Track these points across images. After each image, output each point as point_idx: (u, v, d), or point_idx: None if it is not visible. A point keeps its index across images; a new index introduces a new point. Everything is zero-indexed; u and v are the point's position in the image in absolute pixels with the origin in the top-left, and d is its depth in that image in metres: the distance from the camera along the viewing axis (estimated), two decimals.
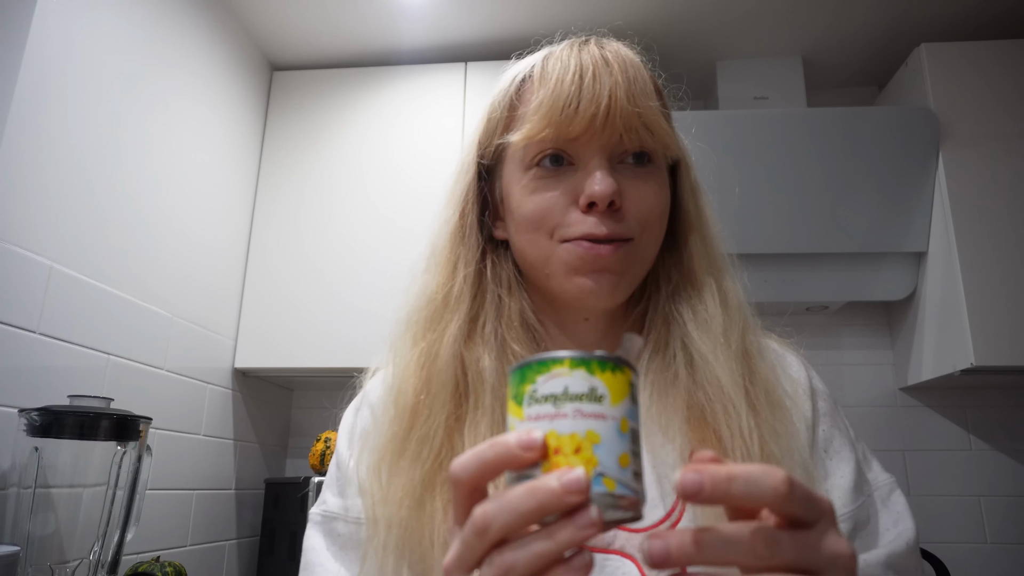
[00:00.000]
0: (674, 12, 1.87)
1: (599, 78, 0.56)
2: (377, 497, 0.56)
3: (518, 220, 0.60)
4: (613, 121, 0.56)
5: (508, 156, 0.62)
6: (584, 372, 0.33)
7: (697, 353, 0.58)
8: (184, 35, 1.64)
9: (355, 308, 1.78)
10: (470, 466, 0.33)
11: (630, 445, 0.33)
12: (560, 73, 0.57)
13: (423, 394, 0.58)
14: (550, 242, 0.58)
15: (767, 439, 0.54)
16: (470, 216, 0.64)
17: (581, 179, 0.57)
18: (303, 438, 2.14)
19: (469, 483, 0.34)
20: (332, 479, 0.65)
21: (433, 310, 0.62)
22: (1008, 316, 1.64)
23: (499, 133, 0.63)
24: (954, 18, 1.90)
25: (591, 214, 0.56)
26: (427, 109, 1.95)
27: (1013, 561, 1.82)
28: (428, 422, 0.57)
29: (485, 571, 0.32)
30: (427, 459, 0.55)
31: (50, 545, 1.04)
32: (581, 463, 0.32)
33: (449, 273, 0.62)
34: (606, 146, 0.57)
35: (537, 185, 0.59)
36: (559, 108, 0.56)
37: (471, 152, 0.66)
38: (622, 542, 0.53)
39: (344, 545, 0.61)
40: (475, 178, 0.65)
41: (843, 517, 0.58)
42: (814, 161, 1.78)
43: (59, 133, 1.24)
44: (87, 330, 1.29)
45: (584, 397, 0.33)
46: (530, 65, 0.62)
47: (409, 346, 0.61)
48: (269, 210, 1.93)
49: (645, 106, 0.56)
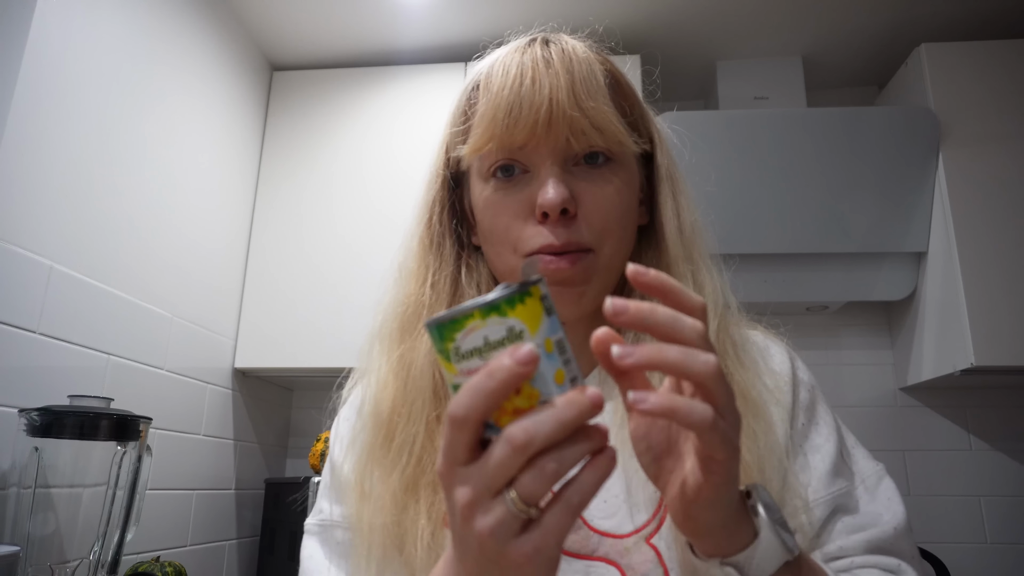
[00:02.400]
0: (674, 12, 1.87)
1: (538, 82, 0.54)
2: (361, 502, 0.56)
3: (483, 233, 0.61)
4: (556, 126, 0.54)
5: (469, 166, 0.62)
6: (496, 317, 0.34)
7: None
8: (184, 35, 1.64)
9: (355, 308, 1.78)
10: (473, 402, 0.34)
11: (559, 359, 0.35)
12: (501, 80, 0.56)
13: (400, 401, 0.58)
14: (514, 256, 0.58)
15: (741, 442, 0.54)
16: (437, 226, 0.64)
17: (535, 188, 0.56)
18: (303, 438, 2.14)
19: (476, 419, 0.34)
20: (326, 487, 0.65)
21: (404, 321, 0.62)
22: (1008, 316, 1.64)
23: (456, 145, 0.62)
24: (954, 18, 1.90)
25: (546, 224, 0.56)
26: (427, 109, 1.95)
27: (1013, 561, 1.82)
28: (407, 428, 0.57)
29: (528, 479, 0.34)
30: (408, 464, 0.55)
31: (50, 545, 1.04)
32: (526, 401, 0.34)
33: (419, 284, 0.62)
34: (555, 151, 0.56)
35: (495, 198, 0.58)
36: (500, 119, 0.55)
37: (438, 163, 0.65)
38: (606, 549, 0.53)
39: (343, 553, 0.60)
40: (442, 188, 0.64)
41: (819, 502, 0.57)
42: (814, 161, 1.78)
43: (59, 133, 1.24)
44: (87, 330, 1.29)
45: (505, 341, 0.34)
46: (479, 72, 0.61)
47: (384, 356, 0.61)
48: (269, 210, 1.93)
49: (590, 107, 0.55)
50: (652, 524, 0.54)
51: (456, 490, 0.35)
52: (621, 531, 0.54)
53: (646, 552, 0.53)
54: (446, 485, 0.36)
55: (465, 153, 0.58)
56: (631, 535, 0.54)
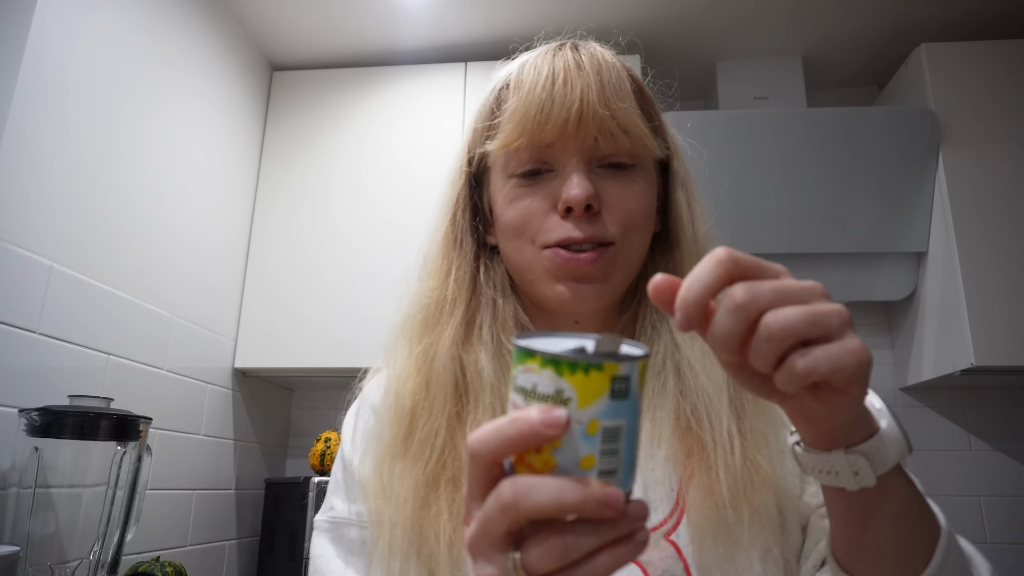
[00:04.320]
0: (674, 12, 1.87)
1: (570, 82, 0.56)
2: (382, 499, 0.56)
3: (502, 227, 0.61)
4: (586, 125, 0.56)
5: (492, 164, 0.63)
6: (552, 373, 0.32)
7: (684, 361, 0.58)
8: (184, 35, 1.64)
9: (355, 308, 1.78)
10: (490, 441, 0.33)
11: (599, 446, 0.32)
12: (532, 80, 0.57)
13: (423, 396, 0.58)
14: (532, 248, 0.58)
15: (752, 446, 0.54)
16: (461, 223, 0.65)
17: (559, 185, 0.57)
18: (303, 438, 2.14)
19: (488, 457, 0.33)
20: (338, 485, 0.64)
21: (428, 315, 0.62)
22: (1008, 316, 1.64)
23: (481, 142, 0.63)
24: (954, 18, 1.90)
25: (569, 219, 0.57)
26: (427, 109, 1.95)
27: (1013, 561, 1.82)
28: (429, 422, 0.57)
29: (536, 552, 0.32)
30: (430, 459, 0.55)
31: (50, 545, 1.04)
32: (542, 465, 0.33)
33: (442, 278, 0.63)
34: (582, 150, 0.57)
35: (518, 193, 0.59)
36: (531, 115, 0.56)
37: (461, 160, 0.66)
38: None
39: (355, 551, 0.60)
40: (465, 186, 0.65)
41: None
42: (814, 161, 1.78)
43: (59, 133, 1.24)
44: (87, 330, 1.29)
45: (549, 399, 0.32)
46: (508, 73, 0.63)
47: (406, 350, 0.62)
48: (269, 210, 1.93)
49: (619, 108, 0.56)
50: (671, 521, 0.54)
51: (470, 521, 0.35)
52: None
53: (665, 548, 0.53)
54: (466, 510, 0.36)
55: (494, 148, 0.59)
56: (650, 532, 0.54)
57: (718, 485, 0.52)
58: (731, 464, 0.53)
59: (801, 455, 0.42)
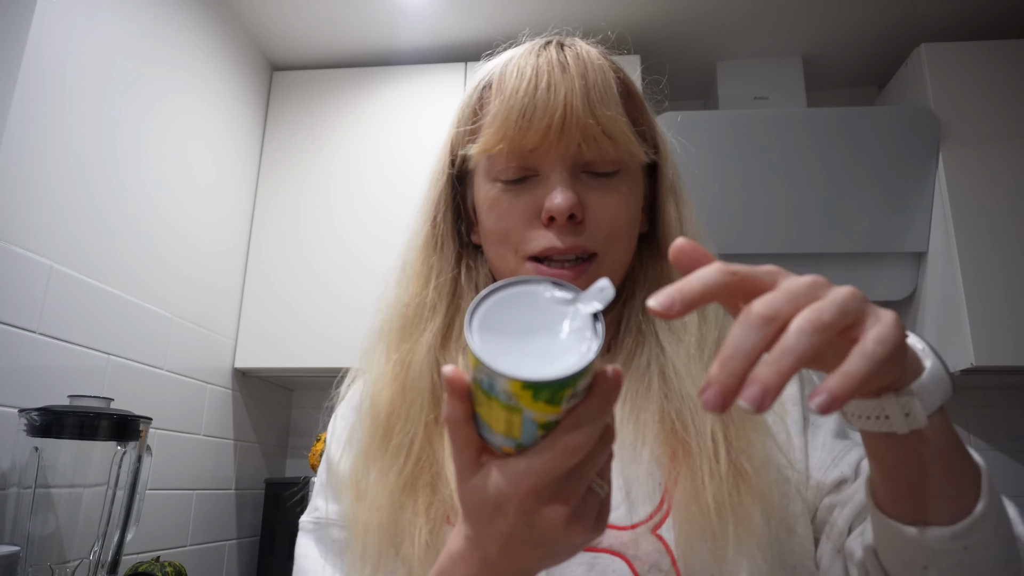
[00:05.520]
0: (674, 12, 1.87)
1: (553, 86, 0.54)
2: (357, 501, 0.56)
3: (485, 232, 0.60)
4: (569, 131, 0.54)
5: (475, 167, 0.61)
6: (484, 368, 0.34)
7: (669, 365, 0.57)
8: (184, 35, 1.64)
9: (354, 308, 1.78)
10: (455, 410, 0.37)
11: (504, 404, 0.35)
12: (515, 83, 0.55)
13: (399, 402, 0.58)
14: (515, 258, 0.58)
15: (738, 451, 0.53)
16: (442, 226, 0.63)
17: (543, 192, 0.56)
18: (303, 438, 2.14)
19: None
20: (322, 485, 0.64)
21: (407, 322, 0.61)
22: (1008, 316, 1.63)
23: (463, 143, 0.62)
24: (954, 18, 1.90)
25: (552, 228, 0.56)
26: (427, 109, 1.95)
27: None
28: (405, 428, 0.56)
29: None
30: (405, 464, 0.55)
31: (50, 545, 1.04)
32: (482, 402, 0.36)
33: (422, 286, 0.62)
34: (565, 156, 0.56)
35: (500, 198, 0.58)
36: (513, 120, 0.55)
37: (443, 161, 0.65)
38: (611, 541, 0.54)
39: (339, 551, 0.60)
40: (447, 186, 0.64)
41: (835, 462, 0.57)
42: (814, 161, 1.78)
43: (59, 133, 1.24)
44: (87, 330, 1.29)
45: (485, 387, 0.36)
46: (490, 71, 0.61)
47: (383, 357, 0.61)
48: (269, 210, 1.93)
49: (603, 114, 0.55)
50: (657, 516, 0.54)
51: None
52: (624, 524, 0.54)
53: (653, 542, 0.53)
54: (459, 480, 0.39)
55: (474, 152, 0.58)
56: (636, 527, 0.54)
57: (703, 492, 0.52)
58: (715, 471, 0.52)
59: (849, 403, 0.40)
